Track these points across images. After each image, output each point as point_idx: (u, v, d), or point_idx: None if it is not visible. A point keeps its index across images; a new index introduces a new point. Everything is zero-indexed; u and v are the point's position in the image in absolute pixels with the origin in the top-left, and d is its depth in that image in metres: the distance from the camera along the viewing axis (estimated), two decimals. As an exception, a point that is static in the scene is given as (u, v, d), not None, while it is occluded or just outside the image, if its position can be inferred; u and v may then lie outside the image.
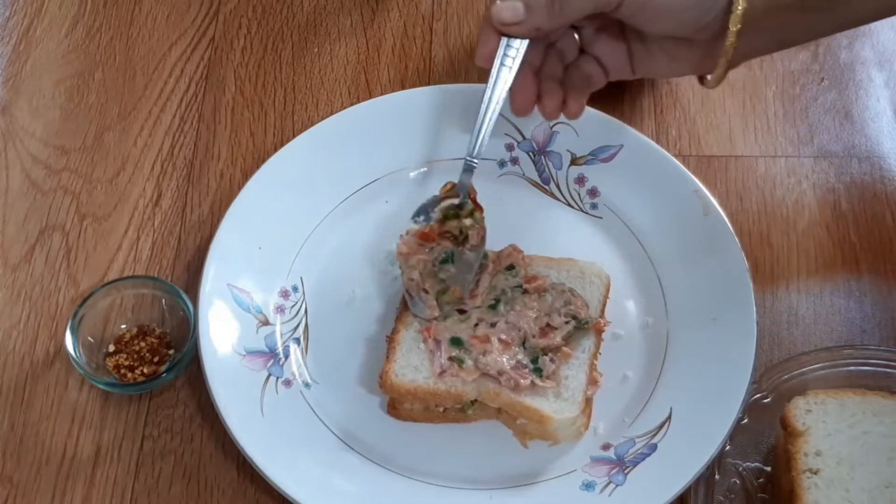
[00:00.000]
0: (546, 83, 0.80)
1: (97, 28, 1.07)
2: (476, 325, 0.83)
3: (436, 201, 0.85)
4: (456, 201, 0.84)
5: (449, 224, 0.84)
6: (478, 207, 0.84)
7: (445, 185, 0.86)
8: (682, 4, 0.73)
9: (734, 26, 0.73)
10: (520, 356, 0.81)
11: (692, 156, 0.98)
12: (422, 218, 0.85)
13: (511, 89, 0.79)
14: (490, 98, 0.79)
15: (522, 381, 0.79)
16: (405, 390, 0.81)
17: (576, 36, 0.80)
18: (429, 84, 1.02)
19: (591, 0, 0.74)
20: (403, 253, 0.84)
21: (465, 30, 1.06)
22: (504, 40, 0.77)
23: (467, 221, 0.84)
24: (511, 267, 0.86)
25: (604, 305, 0.86)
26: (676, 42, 0.77)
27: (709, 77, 0.79)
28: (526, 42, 0.77)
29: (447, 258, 0.84)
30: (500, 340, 0.81)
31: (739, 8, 0.73)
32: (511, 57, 0.77)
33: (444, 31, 1.06)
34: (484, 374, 0.80)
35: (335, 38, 1.06)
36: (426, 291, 0.83)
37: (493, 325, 0.82)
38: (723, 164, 0.98)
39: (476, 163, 0.83)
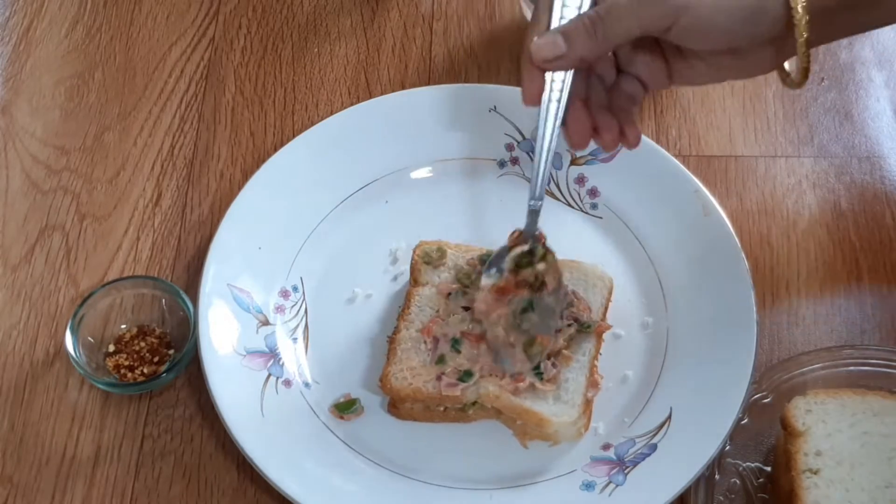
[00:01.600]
0: (599, 114, 0.77)
1: (97, 28, 1.07)
2: (472, 323, 0.83)
3: (504, 252, 0.81)
4: (526, 248, 0.80)
5: (523, 273, 0.80)
6: (548, 252, 0.81)
7: (512, 234, 0.82)
8: (730, 21, 0.70)
9: (801, 37, 0.70)
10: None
11: (692, 156, 0.98)
12: (493, 271, 0.80)
13: (564, 124, 0.76)
14: (544, 136, 0.75)
15: (520, 383, 0.79)
16: (405, 393, 0.81)
17: (612, 57, 0.78)
18: (429, 84, 1.02)
19: (637, 24, 0.71)
20: (483, 311, 0.80)
21: (465, 30, 1.06)
22: (549, 75, 0.74)
23: (540, 266, 0.80)
24: None
25: (606, 309, 0.86)
26: (718, 53, 0.75)
27: (792, 77, 0.77)
28: (571, 72, 0.74)
29: (527, 307, 0.80)
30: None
31: (803, 20, 0.70)
32: (558, 90, 0.74)
33: (444, 31, 1.06)
34: (482, 377, 0.80)
35: (335, 38, 1.06)
36: (512, 345, 0.80)
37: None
38: (723, 164, 0.98)
39: (539, 205, 0.79)
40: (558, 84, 0.74)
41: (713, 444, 0.79)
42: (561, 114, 0.75)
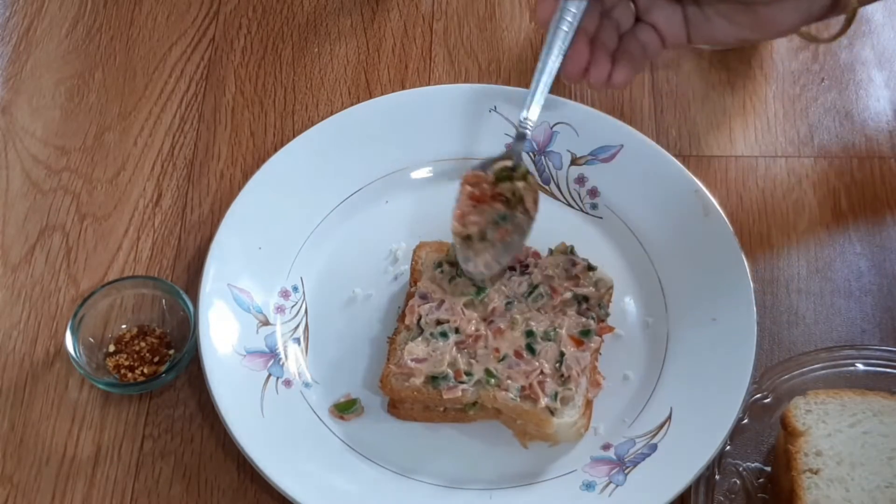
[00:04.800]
0: (597, 53, 0.78)
1: (97, 28, 1.07)
2: (490, 322, 0.83)
3: (489, 162, 0.83)
4: (510, 163, 0.82)
5: (502, 186, 0.83)
6: (529, 174, 0.83)
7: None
8: None
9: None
10: (546, 369, 0.81)
11: (692, 156, 0.98)
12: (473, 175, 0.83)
13: (564, 54, 0.78)
14: (546, 62, 0.78)
15: (543, 396, 0.79)
16: (405, 394, 0.81)
17: (632, 5, 0.79)
18: (429, 84, 1.02)
19: None
20: (458, 215, 0.82)
21: (465, 30, 1.06)
22: (562, 2, 0.76)
23: (520, 184, 0.82)
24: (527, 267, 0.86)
25: (607, 310, 0.86)
26: (735, 7, 0.76)
27: (826, 35, 0.78)
28: (583, 5, 0.76)
29: (500, 219, 0.83)
30: (498, 337, 0.82)
31: None
32: (568, 20, 0.76)
33: (444, 31, 1.06)
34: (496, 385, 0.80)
35: (335, 38, 1.06)
36: (477, 252, 0.83)
37: (499, 327, 0.82)
38: (723, 164, 0.98)
39: (529, 129, 0.81)
40: (570, 13, 0.76)
41: (713, 444, 0.79)
42: (567, 42, 0.77)
